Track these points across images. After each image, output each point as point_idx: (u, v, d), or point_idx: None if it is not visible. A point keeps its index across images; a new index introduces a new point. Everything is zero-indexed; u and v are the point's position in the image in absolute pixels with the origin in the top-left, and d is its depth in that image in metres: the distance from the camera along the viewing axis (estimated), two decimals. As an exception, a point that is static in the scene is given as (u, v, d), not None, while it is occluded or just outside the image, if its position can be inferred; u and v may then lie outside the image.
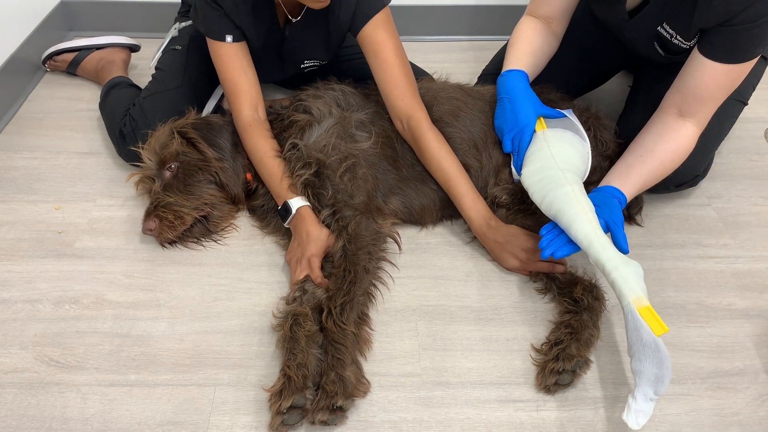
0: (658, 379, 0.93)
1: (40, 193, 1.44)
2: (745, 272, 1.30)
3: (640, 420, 0.93)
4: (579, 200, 1.12)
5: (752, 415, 1.05)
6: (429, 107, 1.35)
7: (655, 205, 1.45)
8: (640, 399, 0.93)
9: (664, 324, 0.95)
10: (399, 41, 1.33)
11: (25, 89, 1.77)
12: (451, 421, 1.03)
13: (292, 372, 1.02)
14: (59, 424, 1.01)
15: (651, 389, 0.93)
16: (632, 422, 0.93)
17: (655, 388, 0.93)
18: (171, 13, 1.71)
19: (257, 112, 1.36)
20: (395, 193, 1.34)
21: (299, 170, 1.28)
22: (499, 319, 1.19)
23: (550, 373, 1.06)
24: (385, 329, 1.17)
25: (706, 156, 1.38)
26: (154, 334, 1.15)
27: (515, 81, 1.33)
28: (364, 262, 1.19)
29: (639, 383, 0.94)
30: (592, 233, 1.08)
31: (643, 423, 0.93)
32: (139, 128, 1.43)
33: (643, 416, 0.93)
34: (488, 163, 1.35)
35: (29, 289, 1.23)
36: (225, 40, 1.31)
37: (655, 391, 0.93)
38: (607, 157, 1.37)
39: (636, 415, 0.93)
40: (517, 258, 1.25)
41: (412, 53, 1.65)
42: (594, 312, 1.14)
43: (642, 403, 0.93)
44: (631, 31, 1.30)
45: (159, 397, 1.05)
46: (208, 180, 1.34)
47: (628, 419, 0.93)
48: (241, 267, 1.29)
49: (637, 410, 0.93)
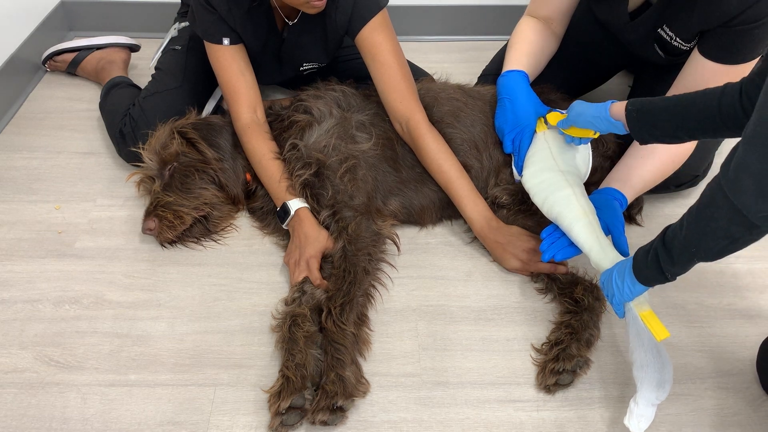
0: (660, 385, 0.93)
1: (40, 193, 1.44)
2: (745, 272, 1.30)
3: (642, 425, 0.93)
4: (580, 203, 1.12)
5: (752, 415, 1.05)
6: (429, 108, 1.35)
7: (655, 205, 1.45)
8: (642, 404, 0.93)
9: (665, 329, 0.95)
10: (397, 43, 1.33)
11: (25, 89, 1.77)
12: (451, 421, 1.03)
13: (290, 372, 1.02)
14: (59, 424, 1.01)
15: (653, 394, 0.93)
16: (634, 427, 0.93)
17: (657, 393, 0.93)
18: (171, 13, 1.71)
19: (256, 114, 1.35)
20: (395, 195, 1.34)
21: (299, 170, 1.28)
22: (499, 319, 1.19)
23: (550, 373, 1.06)
24: (385, 329, 1.17)
25: (706, 156, 1.38)
26: (154, 334, 1.15)
27: (515, 81, 1.33)
28: (364, 263, 1.19)
29: (641, 388, 0.94)
30: (593, 236, 1.08)
31: (645, 428, 0.93)
32: (139, 128, 1.43)
33: (645, 421, 0.93)
34: (489, 163, 1.35)
35: (29, 289, 1.23)
36: (222, 43, 1.31)
37: (657, 396, 0.93)
38: (607, 157, 1.37)
39: (638, 419, 0.93)
40: (519, 258, 1.25)
41: (412, 53, 1.65)
42: (594, 312, 1.15)
43: (644, 408, 0.93)
44: (631, 32, 1.30)
45: (159, 397, 1.05)
46: (207, 180, 1.34)
47: (630, 424, 0.93)
48: (241, 267, 1.29)
49: (639, 415, 0.93)
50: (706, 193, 0.79)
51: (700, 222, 0.80)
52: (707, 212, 0.78)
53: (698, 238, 0.81)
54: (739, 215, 0.74)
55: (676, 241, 0.85)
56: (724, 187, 0.74)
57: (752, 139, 0.70)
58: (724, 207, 0.75)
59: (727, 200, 0.74)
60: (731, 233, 0.77)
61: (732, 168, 0.71)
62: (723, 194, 0.74)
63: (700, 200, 0.80)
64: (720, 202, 0.75)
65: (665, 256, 0.87)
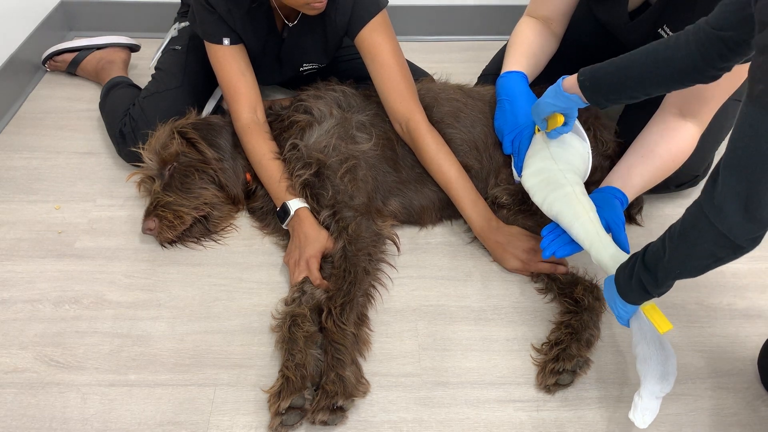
0: (664, 377, 0.93)
1: (40, 193, 1.44)
2: (745, 272, 1.30)
3: (647, 418, 0.92)
4: (580, 200, 1.12)
5: (752, 415, 1.05)
6: (429, 108, 1.35)
7: (656, 205, 1.45)
8: (646, 397, 0.93)
9: (668, 321, 0.95)
10: (397, 44, 1.33)
11: (25, 89, 1.77)
12: (451, 421, 1.03)
13: (290, 372, 1.02)
14: (59, 424, 1.01)
15: (657, 387, 0.93)
16: (639, 421, 0.92)
17: (661, 385, 0.93)
18: (171, 13, 1.71)
19: (256, 114, 1.35)
20: (395, 195, 1.34)
21: (299, 170, 1.28)
22: (499, 319, 1.19)
23: (550, 373, 1.06)
24: (385, 329, 1.17)
25: (707, 156, 1.38)
26: (154, 334, 1.15)
27: (514, 82, 1.33)
28: (364, 264, 1.19)
29: (645, 381, 0.94)
30: (593, 232, 1.08)
31: (650, 421, 0.92)
32: (139, 128, 1.43)
33: (650, 414, 0.92)
34: (489, 163, 1.35)
35: (29, 289, 1.23)
36: (222, 43, 1.31)
37: (661, 388, 0.93)
38: (607, 156, 1.37)
39: (643, 413, 0.92)
40: (519, 258, 1.25)
41: (412, 53, 1.65)
42: (594, 312, 1.15)
43: (648, 401, 0.93)
44: (631, 33, 1.30)
45: (159, 397, 1.05)
46: (207, 180, 1.34)
47: (635, 418, 0.92)
48: (241, 267, 1.29)
49: (644, 408, 0.93)
50: (688, 219, 0.80)
51: (683, 247, 0.81)
52: (690, 237, 0.79)
53: (682, 261, 0.83)
54: (724, 239, 0.75)
55: (659, 265, 0.86)
56: (708, 215, 0.75)
57: (731, 167, 0.71)
58: (708, 232, 0.76)
59: (712, 226, 0.75)
60: (715, 254, 0.78)
61: (716, 196, 0.73)
62: (707, 221, 0.75)
63: (682, 225, 0.81)
64: (704, 228, 0.77)
65: (649, 279, 0.88)
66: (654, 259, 0.86)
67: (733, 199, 0.71)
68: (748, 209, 0.70)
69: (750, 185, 0.69)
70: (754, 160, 0.68)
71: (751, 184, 0.69)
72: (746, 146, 0.69)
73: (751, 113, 0.68)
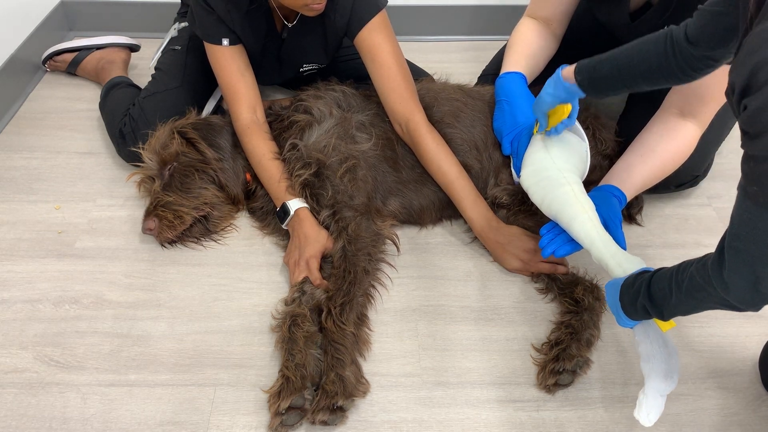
0: (667, 375, 0.93)
1: (40, 193, 1.44)
2: (745, 272, 1.30)
3: (652, 417, 0.92)
4: (579, 199, 1.12)
5: (752, 415, 1.05)
6: (429, 108, 1.35)
7: (655, 205, 1.45)
8: (651, 395, 0.93)
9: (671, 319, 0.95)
10: (396, 44, 1.33)
11: (25, 89, 1.77)
12: (451, 421, 1.03)
13: (290, 372, 1.02)
14: (59, 424, 1.01)
15: (662, 385, 0.93)
16: (644, 419, 0.92)
17: (666, 383, 0.93)
18: (171, 13, 1.71)
19: (256, 114, 1.35)
20: (394, 195, 1.34)
21: (299, 170, 1.28)
22: (499, 319, 1.19)
23: (550, 373, 1.06)
24: (385, 329, 1.17)
25: (707, 156, 1.38)
26: (154, 334, 1.15)
27: (513, 83, 1.33)
28: (364, 264, 1.19)
29: (649, 380, 0.94)
30: (593, 231, 1.08)
31: (655, 419, 0.92)
32: (139, 128, 1.43)
33: (655, 412, 0.92)
34: (489, 164, 1.35)
35: (29, 289, 1.23)
36: (221, 44, 1.31)
37: (665, 386, 0.93)
38: (606, 156, 1.37)
39: (648, 411, 0.92)
40: (519, 258, 1.25)
41: (412, 53, 1.65)
42: (594, 312, 1.15)
43: (653, 400, 0.93)
44: (632, 33, 1.30)
45: (159, 397, 1.05)
46: (207, 180, 1.34)
47: (640, 416, 0.92)
48: (241, 267, 1.29)
49: (649, 407, 0.92)
50: (697, 280, 0.80)
51: (691, 301, 0.83)
52: (698, 297, 0.82)
53: (688, 309, 0.86)
54: (731, 305, 0.78)
55: (665, 305, 0.87)
56: (716, 287, 0.76)
57: (736, 252, 0.73)
58: (715, 296, 0.78)
59: (719, 294, 0.77)
60: (722, 307, 0.81)
61: (725, 274, 0.74)
62: (715, 290, 0.77)
63: (689, 282, 0.82)
64: (711, 293, 0.78)
65: (655, 312, 0.90)
66: (661, 297, 0.88)
67: (741, 279, 0.73)
68: (758, 289, 0.72)
69: (757, 269, 0.71)
70: (758, 248, 0.70)
71: (758, 268, 0.71)
72: (747, 234, 0.70)
73: (749, 207, 0.69)
